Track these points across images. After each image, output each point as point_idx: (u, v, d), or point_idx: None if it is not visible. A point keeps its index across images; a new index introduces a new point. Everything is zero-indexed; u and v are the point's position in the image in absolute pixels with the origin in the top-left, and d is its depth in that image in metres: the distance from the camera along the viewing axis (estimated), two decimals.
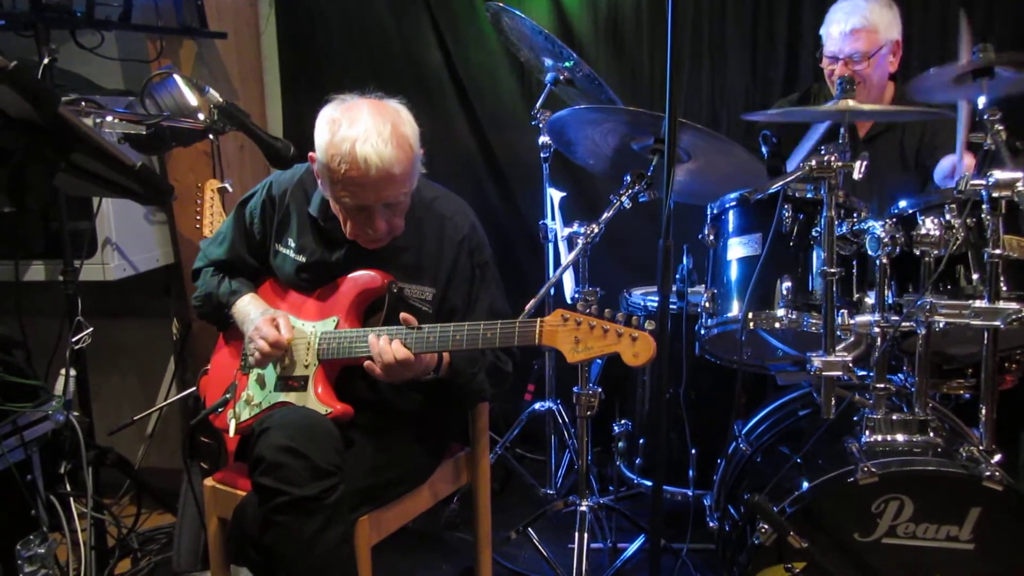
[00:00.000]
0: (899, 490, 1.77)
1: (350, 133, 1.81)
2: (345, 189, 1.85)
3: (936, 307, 1.84)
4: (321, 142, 1.87)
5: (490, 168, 3.50)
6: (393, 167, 1.82)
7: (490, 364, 2.04)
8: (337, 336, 1.96)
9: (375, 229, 1.91)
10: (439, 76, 3.48)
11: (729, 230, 2.15)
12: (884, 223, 1.88)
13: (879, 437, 1.90)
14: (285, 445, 1.79)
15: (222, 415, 2.08)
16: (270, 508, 1.77)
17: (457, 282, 2.05)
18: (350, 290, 1.99)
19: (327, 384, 1.97)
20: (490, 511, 2.31)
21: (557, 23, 3.35)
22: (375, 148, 1.80)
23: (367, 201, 1.87)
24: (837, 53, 2.57)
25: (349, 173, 1.82)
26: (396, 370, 1.85)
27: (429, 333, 1.85)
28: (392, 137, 1.82)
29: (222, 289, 2.12)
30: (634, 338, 1.71)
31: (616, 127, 2.38)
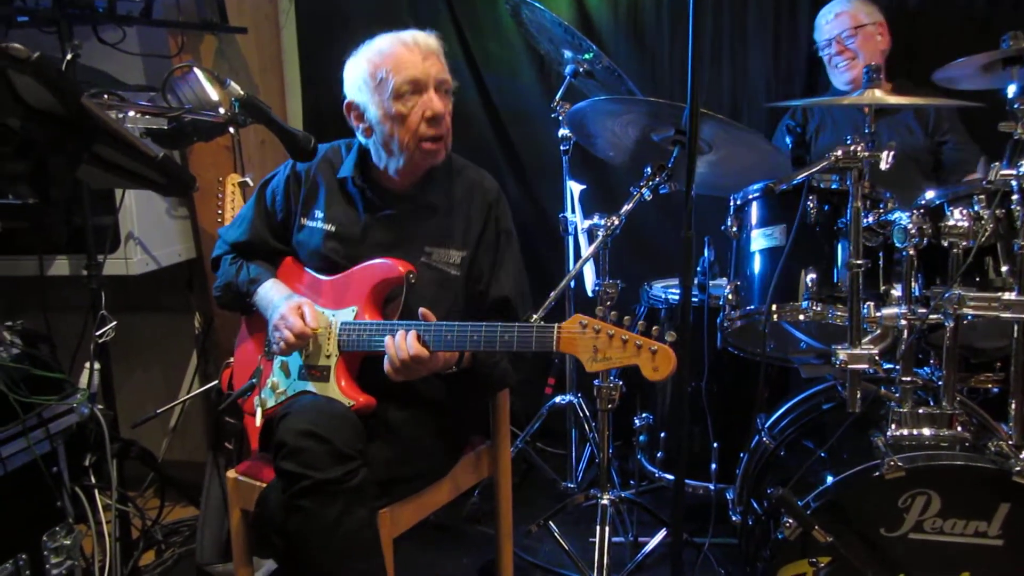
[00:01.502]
0: (926, 485, 1.75)
1: (385, 37, 1.94)
2: (398, 73, 1.90)
3: (965, 299, 1.81)
4: (360, 62, 1.96)
5: (509, 161, 3.48)
6: (433, 45, 1.94)
7: (509, 360, 2.03)
8: (357, 327, 1.96)
9: (435, 109, 1.93)
10: (458, 68, 3.44)
11: (752, 221, 2.13)
12: (911, 214, 1.85)
13: (905, 431, 1.87)
14: (306, 430, 1.79)
15: (249, 400, 2.09)
16: (293, 493, 1.77)
17: (485, 246, 2.07)
18: (369, 279, 1.99)
19: (349, 376, 1.97)
20: (511, 504, 2.30)
21: (577, 15, 3.33)
22: (412, 33, 1.94)
23: (421, 74, 1.92)
24: (828, 37, 2.81)
25: (397, 53, 1.91)
26: (412, 368, 1.84)
27: (447, 331, 1.84)
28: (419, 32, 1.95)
29: (241, 277, 2.13)
30: (653, 351, 1.68)
31: (637, 118, 2.36)
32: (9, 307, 3.12)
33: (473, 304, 2.06)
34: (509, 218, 2.14)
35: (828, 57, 2.84)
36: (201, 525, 2.56)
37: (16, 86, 1.04)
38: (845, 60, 2.80)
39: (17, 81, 1.04)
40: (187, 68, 2.32)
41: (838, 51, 2.79)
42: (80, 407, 2.37)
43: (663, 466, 2.69)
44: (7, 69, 1.00)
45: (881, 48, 2.80)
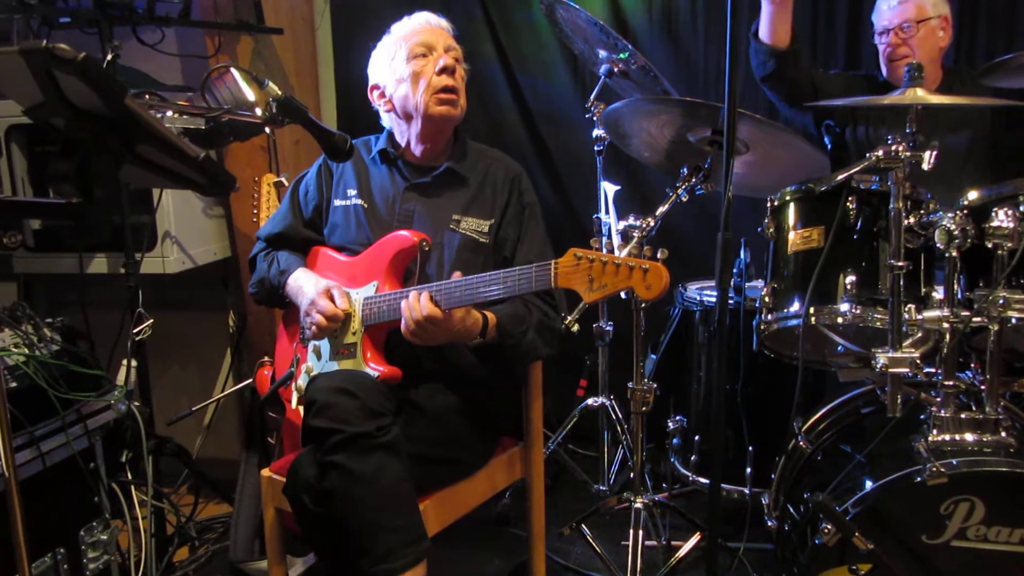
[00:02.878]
0: (969, 491, 1.71)
1: (398, 23, 2.16)
2: (410, 40, 2.09)
3: (1010, 302, 1.77)
4: (379, 49, 2.17)
5: (543, 162, 3.47)
6: (443, 23, 2.15)
7: (538, 322, 2.02)
8: (378, 300, 1.97)
9: (446, 62, 2.07)
10: (491, 69, 3.47)
11: (790, 223, 2.10)
12: (954, 215, 1.81)
13: (947, 436, 1.83)
14: (338, 387, 1.79)
15: (288, 388, 2.11)
16: (326, 449, 1.74)
17: (511, 216, 2.13)
18: (386, 253, 2.02)
19: (375, 349, 1.98)
20: (544, 506, 2.29)
21: (611, 14, 3.31)
22: (428, 14, 2.15)
23: (431, 38, 2.09)
24: (888, 25, 2.60)
25: (414, 27, 2.12)
26: (429, 329, 1.83)
27: (455, 287, 1.85)
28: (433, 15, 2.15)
29: (272, 270, 2.17)
30: (645, 270, 1.66)
31: (673, 119, 2.35)
32: (49, 304, 3.18)
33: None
34: (532, 191, 2.21)
35: (883, 47, 2.66)
36: (235, 522, 2.58)
37: (62, 86, 1.06)
38: (899, 56, 2.62)
39: (63, 81, 1.05)
40: (225, 69, 2.34)
41: (894, 43, 2.60)
42: (117, 404, 2.40)
43: (697, 469, 2.66)
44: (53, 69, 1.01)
45: (941, 45, 2.63)
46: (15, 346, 2.16)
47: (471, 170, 2.15)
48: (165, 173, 1.22)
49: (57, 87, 1.05)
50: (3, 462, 1.51)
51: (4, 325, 2.19)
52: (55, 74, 1.03)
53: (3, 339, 2.17)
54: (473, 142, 2.23)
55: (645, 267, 1.67)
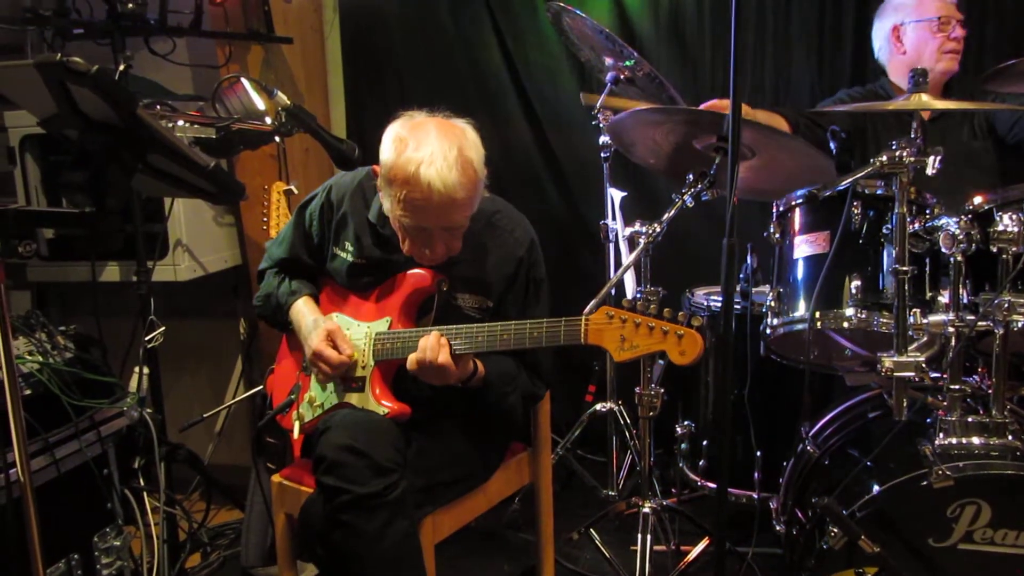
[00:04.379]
0: (976, 494, 1.71)
1: (415, 156, 1.81)
2: (406, 210, 1.86)
3: (1015, 306, 1.77)
4: (386, 160, 1.87)
5: (550, 168, 3.49)
6: (456, 192, 1.81)
7: (525, 388, 2.05)
8: (391, 336, 1.98)
9: (433, 251, 1.93)
10: (499, 77, 3.49)
11: (796, 228, 2.11)
12: (959, 219, 1.82)
13: (954, 440, 1.84)
14: (346, 444, 1.82)
15: (287, 416, 2.12)
16: (334, 507, 1.80)
17: (513, 297, 2.06)
18: (402, 290, 2.02)
19: (384, 384, 1.99)
20: (552, 511, 2.30)
21: (618, 22, 3.33)
22: (439, 173, 1.79)
23: (427, 223, 1.88)
24: (950, 15, 2.56)
25: (411, 196, 1.82)
26: (434, 372, 1.85)
27: (477, 332, 1.86)
28: (457, 162, 1.81)
29: (282, 289, 2.15)
30: (680, 336, 1.67)
31: (677, 126, 2.35)
32: (63, 312, 3.22)
33: None
34: (541, 266, 2.11)
35: (938, 39, 2.57)
36: (246, 529, 2.60)
37: (75, 98, 1.08)
38: (954, 48, 2.57)
39: (76, 93, 1.07)
40: (235, 78, 2.38)
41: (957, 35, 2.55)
42: (130, 410, 2.42)
43: (705, 474, 2.67)
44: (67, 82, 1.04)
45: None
46: (29, 354, 2.19)
47: (473, 247, 2.02)
48: (176, 182, 1.24)
49: (71, 99, 1.08)
50: (18, 469, 1.53)
51: (18, 333, 2.23)
52: (69, 86, 1.05)
53: (17, 347, 2.20)
54: (483, 201, 2.00)
55: (680, 332, 1.67)
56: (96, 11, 2.63)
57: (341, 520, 1.80)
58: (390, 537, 1.79)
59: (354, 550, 1.79)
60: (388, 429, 1.91)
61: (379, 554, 1.79)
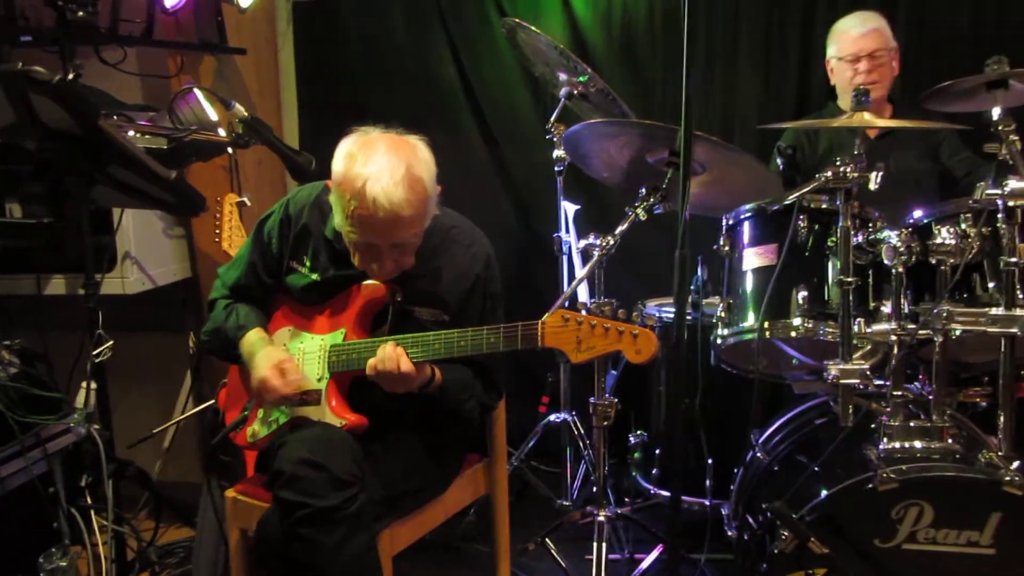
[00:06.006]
0: (919, 496, 1.78)
1: (363, 171, 1.81)
2: (353, 226, 1.86)
3: (953, 315, 1.85)
4: (336, 175, 1.88)
5: (504, 182, 3.53)
6: (402, 209, 1.81)
7: (480, 397, 2.07)
8: (346, 348, 1.98)
9: (382, 267, 1.93)
10: (454, 91, 3.52)
11: (744, 241, 2.17)
12: (899, 232, 1.90)
13: (897, 444, 1.91)
14: (303, 458, 1.81)
15: (241, 433, 2.10)
16: (292, 521, 1.79)
17: (470, 312, 2.07)
18: (356, 302, 2.02)
19: (340, 396, 1.99)
20: (508, 522, 2.32)
21: (571, 38, 3.39)
22: (385, 189, 1.79)
23: (374, 240, 1.88)
24: (859, 52, 2.71)
25: (358, 211, 1.82)
26: (397, 379, 1.86)
27: (434, 340, 1.88)
28: (405, 179, 1.82)
29: (230, 323, 2.11)
30: (635, 335, 1.72)
31: (631, 140, 2.40)
32: (6, 326, 3.13)
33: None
34: (497, 282, 2.12)
35: (850, 75, 2.74)
36: (197, 546, 2.55)
37: (35, 108, 1.07)
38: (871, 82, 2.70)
39: (37, 103, 1.06)
40: (188, 89, 2.37)
41: (868, 68, 2.70)
42: (77, 427, 2.37)
43: (658, 483, 2.71)
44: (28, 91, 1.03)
45: (895, 75, 2.79)
46: None
47: (429, 262, 2.04)
48: (136, 193, 1.24)
49: (31, 109, 1.07)
50: None
51: None
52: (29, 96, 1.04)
53: None
54: (440, 216, 2.03)
55: (636, 332, 1.72)
56: (45, 18, 2.58)
57: (300, 534, 1.78)
58: (349, 551, 1.79)
59: (313, 564, 1.78)
60: (346, 442, 1.90)
61: (339, 568, 1.78)
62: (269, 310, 2.18)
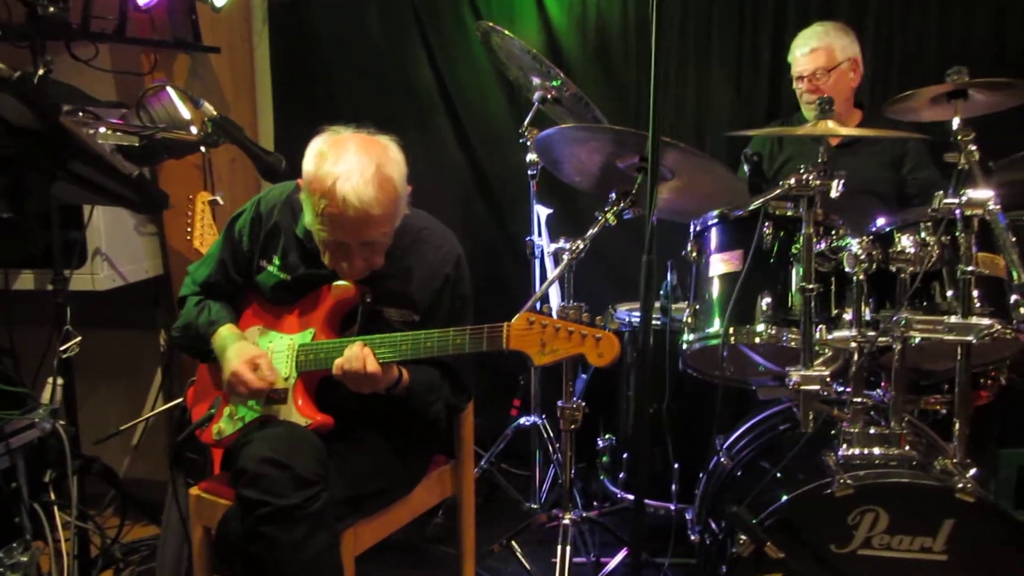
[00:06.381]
0: (874, 502, 1.80)
1: (333, 170, 1.83)
2: (323, 224, 1.87)
3: (911, 323, 1.88)
4: (306, 174, 1.89)
5: (479, 184, 3.55)
6: (372, 208, 1.83)
7: (448, 399, 2.08)
8: (314, 348, 1.99)
9: (352, 265, 1.94)
10: (430, 93, 3.53)
11: (711, 247, 2.19)
12: (861, 240, 1.93)
13: (856, 450, 1.93)
14: (266, 456, 1.81)
15: (207, 430, 2.10)
16: (254, 519, 1.79)
17: (439, 313, 2.08)
18: (326, 302, 2.02)
19: (307, 396, 1.99)
20: (474, 524, 2.33)
21: (546, 42, 3.41)
22: (355, 188, 1.81)
23: (344, 238, 1.89)
24: (802, 72, 2.79)
25: (328, 210, 1.84)
26: (363, 379, 1.87)
27: (401, 341, 1.89)
28: (375, 178, 1.84)
29: (202, 319, 2.10)
30: (598, 339, 1.76)
31: (602, 145, 2.43)
32: None
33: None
34: (467, 283, 2.14)
35: (799, 91, 2.85)
36: (161, 544, 2.54)
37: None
38: (814, 100, 2.77)
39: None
40: (160, 87, 2.36)
41: (808, 89, 2.79)
42: (42, 422, 2.36)
43: (625, 487, 2.73)
44: None
45: (852, 85, 2.82)
46: None
47: (400, 263, 2.05)
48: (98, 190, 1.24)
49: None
50: None
51: None
52: None
53: None
54: (410, 217, 2.05)
55: (598, 336, 1.76)
56: (15, 13, 2.57)
57: (261, 532, 1.79)
58: (310, 549, 1.79)
59: (274, 563, 1.78)
60: (310, 441, 1.91)
61: (299, 566, 1.78)
62: (239, 308, 2.18)
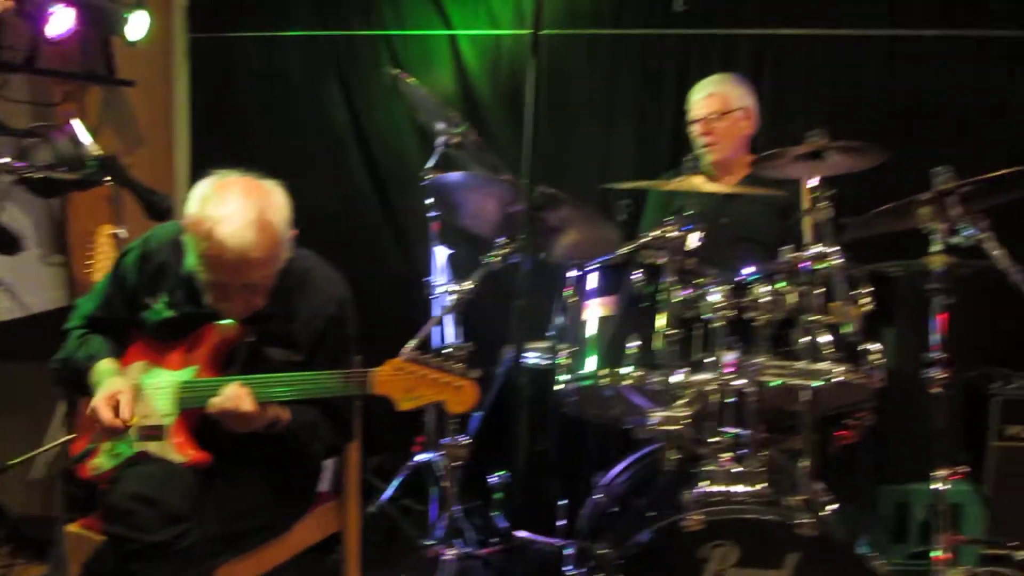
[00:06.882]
0: (725, 536, 1.89)
1: (214, 213, 1.88)
2: (203, 266, 1.92)
3: (765, 367, 2.00)
4: (189, 217, 1.93)
5: (391, 225, 3.62)
6: (251, 251, 1.88)
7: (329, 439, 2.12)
8: (195, 385, 2.02)
9: (232, 306, 1.99)
10: (346, 133, 3.61)
11: (589, 291, 2.29)
12: (720, 289, 2.04)
13: (714, 488, 2.02)
14: (136, 492, 1.83)
15: (86, 466, 2.10)
16: (122, 556, 1.80)
17: (322, 354, 2.10)
18: (209, 340, 2.05)
19: (186, 433, 2.01)
20: (359, 561, 2.35)
21: (461, 86, 3.53)
22: (234, 232, 1.86)
23: (224, 280, 1.94)
24: (697, 116, 2.93)
25: (207, 252, 1.88)
26: (238, 419, 1.91)
27: (278, 382, 1.94)
28: (255, 222, 1.88)
29: (81, 352, 2.12)
30: (458, 387, 1.85)
31: (493, 192, 2.53)
32: None
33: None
34: (351, 325, 2.17)
35: (694, 135, 2.97)
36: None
37: None
38: (707, 142, 2.93)
39: None
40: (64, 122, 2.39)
41: (703, 132, 2.92)
42: None
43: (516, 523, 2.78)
44: None
45: (745, 134, 2.95)
46: None
47: (284, 303, 2.08)
48: None
49: None
50: None
51: None
52: None
53: None
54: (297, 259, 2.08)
55: (459, 384, 1.86)
56: None
57: (129, 570, 1.79)
58: None
59: None
60: (182, 477, 1.93)
61: None
62: (125, 343, 2.19)
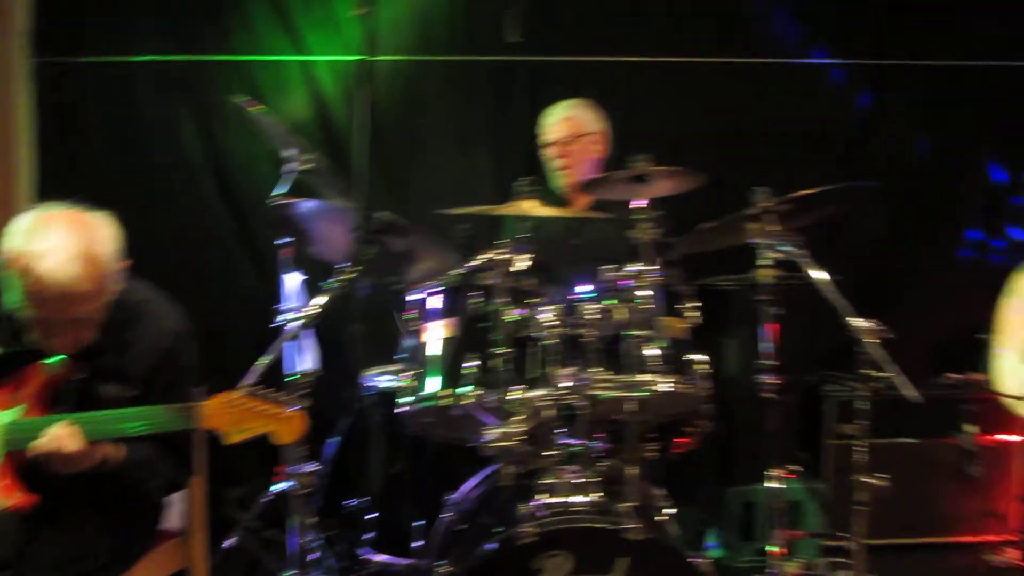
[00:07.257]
0: (559, 546, 1.96)
1: (36, 247, 1.82)
2: (27, 301, 1.85)
3: (594, 381, 2.10)
4: (10, 251, 1.85)
5: (248, 251, 3.59)
6: (76, 286, 1.83)
7: (167, 475, 2.09)
8: (21, 426, 1.95)
9: (59, 342, 1.93)
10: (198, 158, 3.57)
11: (430, 313, 2.35)
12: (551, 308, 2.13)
13: (551, 499, 2.10)
14: None
15: None
16: None
17: (157, 388, 2.06)
18: (36, 378, 1.99)
19: (10, 475, 1.94)
20: None
21: (317, 112, 3.54)
22: (58, 265, 1.80)
23: (48, 315, 1.87)
24: (551, 139, 3.05)
25: (29, 287, 1.82)
26: (63, 460, 1.86)
27: (107, 419, 1.90)
28: (80, 256, 1.83)
29: None
30: (285, 418, 1.87)
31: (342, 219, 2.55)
32: None
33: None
34: (187, 357, 2.13)
35: (548, 157, 3.08)
36: None
37: None
38: (562, 165, 3.05)
39: None
40: None
41: (558, 155, 3.03)
42: None
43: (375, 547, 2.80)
44: None
45: (596, 157, 3.07)
46: None
47: (115, 337, 2.02)
48: None
49: None
50: None
51: None
52: None
53: None
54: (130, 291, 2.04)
55: (286, 416, 1.88)
56: None
57: None
58: None
59: None
60: (4, 523, 1.86)
61: None
62: None
